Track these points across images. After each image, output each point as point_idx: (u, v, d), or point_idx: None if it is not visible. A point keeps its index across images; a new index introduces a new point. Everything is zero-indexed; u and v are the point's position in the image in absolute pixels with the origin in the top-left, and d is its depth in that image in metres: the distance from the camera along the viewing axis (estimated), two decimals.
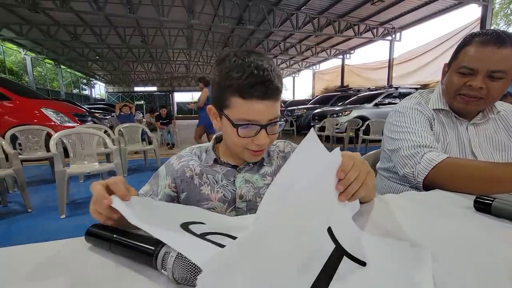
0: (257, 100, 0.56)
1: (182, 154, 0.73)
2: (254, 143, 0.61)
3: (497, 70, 0.78)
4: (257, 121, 0.58)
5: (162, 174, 0.70)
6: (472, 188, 0.68)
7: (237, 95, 0.57)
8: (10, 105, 4.43)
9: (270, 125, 0.60)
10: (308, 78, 18.85)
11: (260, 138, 0.59)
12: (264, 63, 0.58)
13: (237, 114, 0.58)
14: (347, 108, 7.05)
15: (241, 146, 0.63)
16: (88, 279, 0.35)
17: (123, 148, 3.78)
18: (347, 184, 0.42)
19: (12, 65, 16.19)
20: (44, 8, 7.95)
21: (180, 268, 0.32)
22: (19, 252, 0.42)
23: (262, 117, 0.58)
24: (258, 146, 0.61)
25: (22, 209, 2.46)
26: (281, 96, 0.63)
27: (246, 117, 0.58)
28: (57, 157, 2.25)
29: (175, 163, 0.70)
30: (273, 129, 0.62)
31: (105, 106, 11.74)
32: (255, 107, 0.57)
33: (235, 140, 0.61)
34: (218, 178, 0.69)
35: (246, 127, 0.58)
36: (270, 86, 0.56)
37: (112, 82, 25.59)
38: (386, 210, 0.58)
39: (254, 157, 0.65)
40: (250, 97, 0.56)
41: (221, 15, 8.50)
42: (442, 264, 0.38)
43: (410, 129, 0.89)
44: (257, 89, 0.55)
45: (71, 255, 0.41)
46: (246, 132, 0.59)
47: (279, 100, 0.61)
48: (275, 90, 0.57)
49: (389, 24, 10.27)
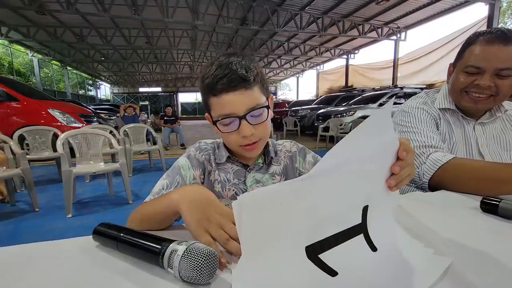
0: (225, 93, 0.58)
1: (200, 147, 0.72)
2: (241, 137, 0.61)
3: (505, 67, 0.77)
4: (233, 113, 0.59)
5: (185, 166, 0.68)
6: (479, 189, 0.67)
7: (210, 94, 0.60)
8: (18, 106, 4.50)
9: (249, 114, 0.59)
10: (312, 78, 18.84)
11: (243, 129, 0.59)
12: (232, 58, 0.59)
13: (216, 112, 0.61)
14: (352, 108, 7.01)
15: (234, 145, 0.64)
16: (95, 277, 0.36)
17: (128, 149, 3.81)
18: (404, 166, 0.40)
19: (20, 66, 16.47)
20: (50, 10, 8.07)
21: (186, 266, 0.33)
22: (27, 250, 0.43)
23: (236, 108, 0.58)
24: (246, 139, 0.61)
25: (29, 208, 2.50)
26: (261, 86, 0.61)
27: (222, 112, 0.59)
28: (63, 157, 2.28)
29: (197, 155, 0.70)
30: (257, 119, 0.61)
31: (110, 106, 11.86)
32: (225, 100, 0.58)
33: (225, 139, 0.63)
34: (229, 177, 0.70)
35: (224, 122, 0.60)
36: (232, 77, 0.57)
37: (117, 83, 25.82)
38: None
39: (249, 152, 0.65)
40: (218, 92, 0.58)
41: (225, 16, 8.53)
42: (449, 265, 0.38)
43: (415, 129, 0.89)
44: (221, 82, 0.57)
45: (79, 253, 0.42)
46: (227, 127, 0.61)
47: (254, 89, 0.60)
48: (239, 79, 0.57)
49: (394, 23, 10.18)
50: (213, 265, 0.34)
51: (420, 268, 0.36)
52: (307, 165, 0.75)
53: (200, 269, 0.32)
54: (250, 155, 0.67)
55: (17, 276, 0.36)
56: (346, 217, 0.37)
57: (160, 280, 0.35)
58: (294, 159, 0.76)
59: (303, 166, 0.76)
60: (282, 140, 0.80)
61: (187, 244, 0.34)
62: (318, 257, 0.34)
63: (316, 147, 6.39)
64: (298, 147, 0.78)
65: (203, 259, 0.33)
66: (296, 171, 0.75)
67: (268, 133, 0.66)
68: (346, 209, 0.37)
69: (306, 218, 0.34)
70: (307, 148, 0.79)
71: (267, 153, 0.73)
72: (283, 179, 0.73)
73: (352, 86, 12.67)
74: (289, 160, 0.75)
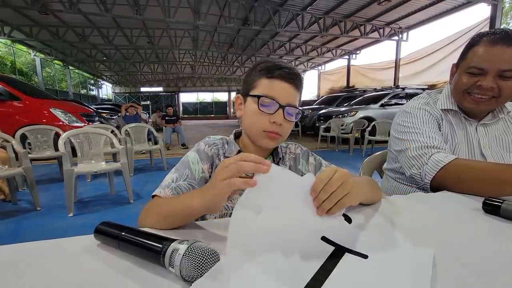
0: (280, 80, 0.64)
1: (209, 142, 0.73)
2: (270, 122, 0.64)
3: (508, 69, 0.77)
4: (277, 99, 0.64)
5: (194, 159, 0.69)
6: (481, 190, 0.67)
7: (263, 76, 0.65)
8: (20, 105, 4.52)
9: (288, 108, 0.65)
10: (313, 78, 18.73)
11: (276, 116, 0.64)
12: (290, 65, 0.68)
13: (261, 90, 0.65)
14: (353, 108, 7.00)
15: (259, 127, 0.66)
16: (97, 276, 0.36)
17: (129, 148, 3.82)
18: (319, 202, 0.43)
19: (22, 66, 16.52)
20: (53, 10, 8.11)
21: (188, 265, 0.33)
22: (29, 248, 0.43)
23: (282, 96, 0.64)
24: (274, 126, 0.64)
25: (31, 207, 2.51)
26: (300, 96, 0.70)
27: (269, 94, 0.64)
28: (65, 156, 2.29)
29: (206, 149, 0.71)
30: (290, 117, 0.66)
31: (112, 106, 11.89)
32: (277, 85, 0.64)
33: (254, 119, 0.66)
34: None
35: (265, 101, 0.64)
36: (292, 71, 0.65)
37: (119, 82, 25.88)
38: (392, 211, 0.58)
39: (271, 141, 0.67)
40: (273, 77, 0.64)
41: (227, 16, 8.53)
42: (451, 266, 0.37)
43: (417, 130, 0.88)
44: (280, 71, 0.64)
45: (80, 252, 0.42)
46: (265, 108, 0.64)
47: (299, 93, 0.68)
48: (296, 76, 0.65)
49: (396, 24, 10.16)
50: (214, 264, 0.34)
51: (412, 261, 0.38)
52: (310, 167, 0.76)
53: (201, 268, 0.32)
54: (266, 144, 0.68)
55: (18, 274, 0.36)
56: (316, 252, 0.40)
57: (161, 279, 0.35)
58: (298, 161, 0.77)
59: (306, 168, 0.76)
60: (286, 142, 0.80)
61: (189, 243, 0.34)
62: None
63: (317, 148, 6.39)
64: (302, 149, 0.79)
65: (204, 258, 0.33)
66: (299, 173, 0.76)
67: (287, 136, 0.70)
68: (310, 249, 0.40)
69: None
70: (310, 150, 0.80)
71: (276, 154, 0.74)
72: None
73: (354, 87, 12.65)
74: (292, 162, 0.77)
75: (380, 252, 0.41)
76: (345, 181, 0.44)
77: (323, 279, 0.34)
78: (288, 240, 0.40)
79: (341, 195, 0.44)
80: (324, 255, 0.40)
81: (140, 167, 4.42)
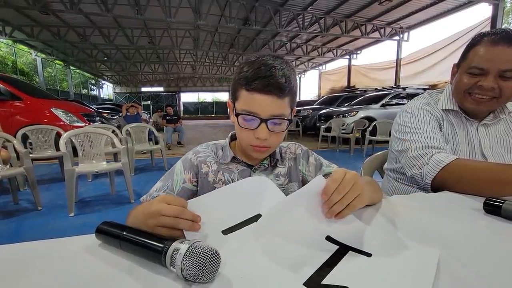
0: (258, 93, 0.58)
1: (198, 150, 0.74)
2: (255, 138, 0.62)
3: (508, 69, 0.77)
4: (258, 114, 0.60)
5: (178, 170, 0.70)
6: (482, 190, 0.67)
7: (243, 87, 0.60)
8: (21, 105, 4.53)
9: (271, 120, 0.60)
10: (314, 78, 18.71)
11: (259, 131, 0.61)
12: (276, 62, 0.60)
13: (242, 105, 0.61)
14: (354, 108, 6.99)
15: (245, 142, 0.65)
16: (98, 275, 0.36)
17: (130, 148, 3.82)
18: (330, 205, 0.44)
19: (23, 66, 16.55)
20: (54, 10, 8.12)
21: (189, 265, 0.33)
22: (30, 248, 0.43)
23: (263, 110, 0.59)
24: (258, 141, 0.62)
25: (32, 207, 2.51)
26: (291, 98, 0.63)
27: (248, 108, 0.60)
28: (66, 156, 2.29)
29: (192, 158, 0.71)
30: (276, 127, 0.62)
31: (113, 106, 11.89)
32: (255, 99, 0.59)
33: (239, 133, 0.65)
34: (234, 177, 0.70)
35: (245, 117, 0.61)
36: (271, 81, 0.57)
37: (119, 82, 25.90)
38: (393, 211, 0.58)
39: (258, 153, 0.66)
40: (252, 89, 0.59)
41: (228, 16, 8.53)
42: (451, 266, 0.37)
43: (418, 130, 0.88)
44: (259, 82, 0.58)
45: (81, 251, 0.42)
46: (247, 123, 0.62)
47: (285, 99, 0.61)
48: (276, 85, 0.58)
49: (397, 24, 10.14)
50: (216, 264, 0.34)
51: (417, 260, 0.38)
52: (310, 167, 0.76)
53: (203, 268, 0.32)
54: (256, 156, 0.68)
55: (19, 274, 0.36)
56: (320, 250, 0.41)
57: (162, 278, 0.35)
58: (298, 161, 0.77)
59: (306, 168, 0.76)
60: (286, 142, 0.80)
61: (190, 243, 0.34)
62: (322, 284, 0.34)
63: (318, 148, 6.38)
64: (302, 149, 0.79)
65: (205, 257, 0.33)
66: (299, 173, 0.76)
67: (279, 144, 0.69)
68: (313, 248, 0.42)
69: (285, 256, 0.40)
70: (310, 150, 0.80)
71: (273, 155, 0.73)
72: (287, 180, 0.74)
73: (354, 87, 12.62)
74: (293, 162, 0.76)
75: (384, 251, 0.41)
76: (355, 182, 0.44)
77: (324, 274, 0.35)
78: (294, 239, 0.42)
79: (352, 197, 0.43)
80: (328, 253, 0.40)
81: (141, 167, 4.42)
